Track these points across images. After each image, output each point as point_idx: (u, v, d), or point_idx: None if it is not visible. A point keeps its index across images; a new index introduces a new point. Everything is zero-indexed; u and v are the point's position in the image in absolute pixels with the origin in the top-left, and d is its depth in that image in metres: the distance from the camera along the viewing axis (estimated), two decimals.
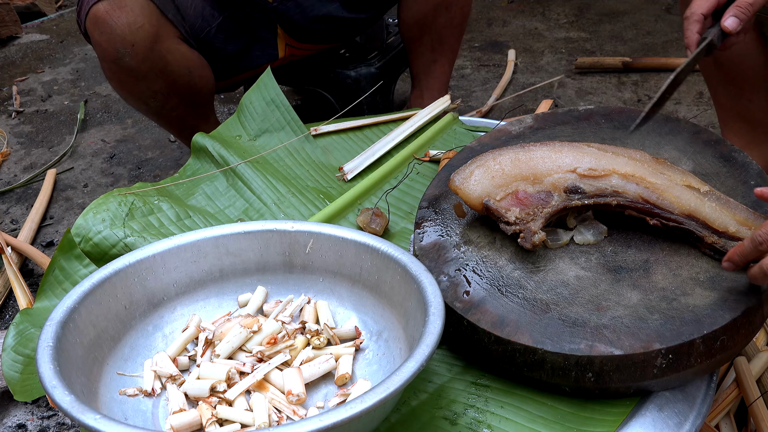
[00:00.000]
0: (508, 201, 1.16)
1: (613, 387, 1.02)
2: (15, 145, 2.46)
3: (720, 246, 1.10)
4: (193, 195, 1.56)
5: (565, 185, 1.16)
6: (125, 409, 1.03)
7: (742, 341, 1.07)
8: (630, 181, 1.15)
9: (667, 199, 1.13)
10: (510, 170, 1.19)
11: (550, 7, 3.32)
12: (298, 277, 1.22)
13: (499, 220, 1.16)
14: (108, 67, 1.77)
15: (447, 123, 1.75)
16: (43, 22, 3.52)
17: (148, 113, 1.93)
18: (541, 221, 1.14)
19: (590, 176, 1.16)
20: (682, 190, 1.14)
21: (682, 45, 2.85)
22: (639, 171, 1.16)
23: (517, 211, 1.15)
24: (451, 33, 2.04)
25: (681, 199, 1.13)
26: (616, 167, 1.16)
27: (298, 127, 1.73)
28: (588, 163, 1.17)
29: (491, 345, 1.06)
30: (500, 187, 1.17)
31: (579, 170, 1.17)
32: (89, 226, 1.39)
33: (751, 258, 1.01)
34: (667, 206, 1.13)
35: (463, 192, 1.19)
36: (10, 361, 1.32)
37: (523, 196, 1.16)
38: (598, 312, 1.06)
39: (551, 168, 1.18)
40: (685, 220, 1.12)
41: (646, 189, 1.14)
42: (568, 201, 1.16)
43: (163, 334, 1.16)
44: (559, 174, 1.17)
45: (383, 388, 0.87)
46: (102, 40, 1.70)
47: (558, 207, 1.15)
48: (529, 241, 1.13)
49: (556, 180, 1.17)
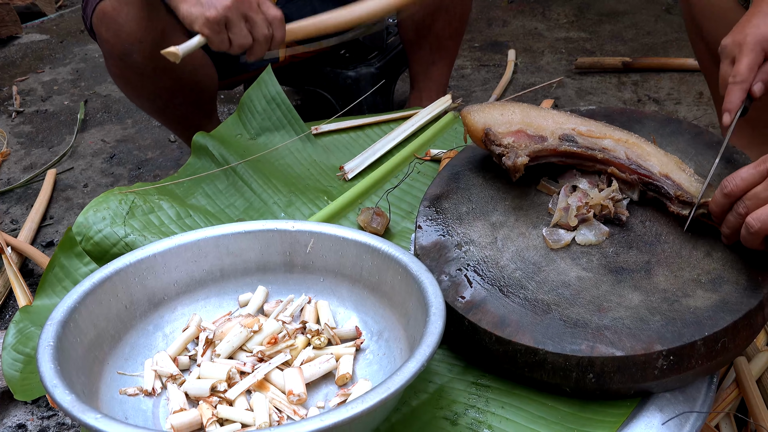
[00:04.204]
0: (506, 134, 1.27)
1: (614, 388, 1.02)
2: (15, 145, 2.45)
3: (686, 198, 1.16)
4: (193, 194, 1.56)
5: (561, 133, 1.26)
6: (126, 408, 1.03)
7: (743, 343, 1.07)
8: (620, 144, 1.24)
9: (650, 161, 1.21)
10: (518, 117, 1.29)
11: (550, 7, 3.32)
12: (299, 276, 1.22)
13: (492, 144, 1.25)
14: (114, 65, 1.76)
15: (448, 122, 1.75)
16: (43, 22, 3.52)
17: (152, 111, 1.92)
18: (529, 152, 1.24)
19: (586, 135, 1.26)
20: (665, 158, 1.22)
21: (681, 45, 2.86)
22: (631, 138, 1.26)
23: (512, 140, 1.25)
24: (450, 36, 2.04)
25: (663, 163, 1.21)
26: (612, 134, 1.27)
27: (298, 126, 1.73)
28: (587, 126, 1.28)
29: (492, 345, 1.06)
30: (504, 124, 1.28)
31: (578, 129, 1.27)
32: (90, 224, 1.39)
33: (724, 207, 1.08)
34: (648, 166, 1.21)
35: (470, 119, 1.29)
36: (10, 359, 1.31)
37: (522, 135, 1.26)
38: (600, 313, 1.06)
39: (554, 123, 1.28)
40: (662, 178, 1.19)
41: (634, 152, 1.23)
42: (559, 145, 1.25)
43: (164, 333, 1.16)
44: (559, 127, 1.28)
45: (384, 388, 0.87)
46: (109, 37, 1.69)
47: (549, 147, 1.25)
48: (511, 159, 1.22)
49: (555, 130, 1.27)
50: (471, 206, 1.27)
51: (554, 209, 1.22)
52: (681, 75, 2.63)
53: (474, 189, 1.30)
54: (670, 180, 1.19)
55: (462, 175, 1.33)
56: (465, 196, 1.29)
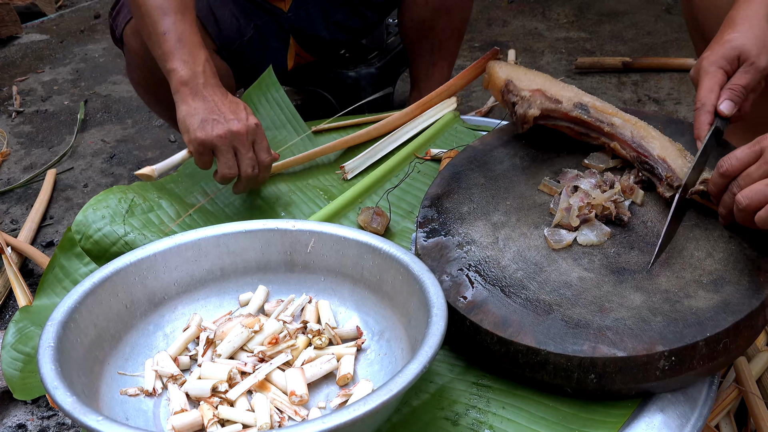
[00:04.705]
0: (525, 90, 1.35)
1: (616, 388, 1.02)
2: (15, 145, 2.45)
3: (673, 181, 1.19)
4: (192, 194, 1.56)
5: (576, 101, 1.33)
6: (126, 408, 1.03)
7: (744, 344, 1.07)
8: (628, 124, 1.29)
9: (652, 143, 1.25)
10: (540, 80, 1.38)
11: (550, 7, 3.32)
12: (300, 276, 1.22)
13: (509, 93, 1.36)
14: (141, 75, 1.75)
15: (448, 122, 1.74)
16: (43, 22, 3.52)
17: (170, 119, 1.92)
18: (541, 107, 1.32)
19: (598, 109, 1.32)
20: (668, 143, 1.25)
21: (681, 45, 2.86)
22: (640, 122, 1.29)
23: (529, 94, 1.34)
24: (451, 37, 2.04)
25: (664, 147, 1.25)
26: (623, 115, 1.31)
27: (299, 126, 1.72)
28: (603, 104, 1.34)
29: (494, 345, 1.06)
30: (526, 81, 1.38)
31: (593, 103, 1.33)
32: (89, 223, 1.39)
33: (721, 187, 1.11)
34: (649, 148, 1.25)
35: (495, 69, 1.42)
36: (10, 359, 1.31)
37: (539, 93, 1.35)
38: (601, 313, 1.06)
39: (572, 94, 1.36)
40: (658, 160, 1.23)
41: (639, 133, 1.27)
42: (571, 110, 1.32)
43: (164, 333, 1.16)
44: (576, 97, 1.35)
45: (386, 390, 0.87)
46: (141, 49, 1.65)
47: (561, 110, 1.32)
48: (523, 108, 1.32)
49: (571, 97, 1.34)
50: (472, 206, 1.27)
51: (556, 209, 1.22)
52: (681, 75, 2.63)
53: (475, 189, 1.30)
54: (666, 164, 1.22)
55: (463, 175, 1.33)
56: (466, 195, 1.29)
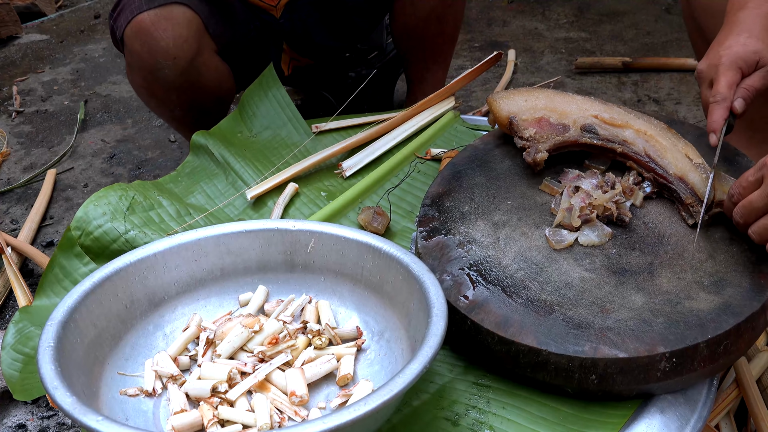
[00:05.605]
0: (530, 122, 1.31)
1: (616, 389, 1.02)
2: (15, 145, 2.45)
3: (694, 210, 1.18)
4: (192, 193, 1.56)
5: (583, 123, 1.29)
6: (126, 409, 1.03)
7: (745, 345, 1.07)
8: (640, 137, 1.27)
9: (666, 158, 1.24)
10: (542, 103, 1.34)
11: (550, 7, 3.31)
12: (300, 276, 1.21)
13: (515, 134, 1.31)
14: (143, 77, 1.73)
15: (448, 121, 1.74)
16: (43, 22, 3.51)
17: (170, 120, 1.92)
18: (549, 145, 1.28)
19: (608, 122, 1.29)
20: (681, 155, 1.24)
21: (681, 45, 2.85)
22: (650, 130, 1.28)
23: (534, 131, 1.29)
24: (444, 43, 2.03)
25: (678, 161, 1.23)
26: (632, 123, 1.29)
27: (300, 125, 1.72)
28: (610, 113, 1.31)
29: (495, 345, 1.06)
30: (528, 111, 1.33)
31: (600, 116, 1.30)
32: (89, 219, 1.38)
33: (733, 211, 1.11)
34: (665, 165, 1.23)
35: (496, 106, 1.36)
36: (10, 359, 1.31)
37: (544, 123, 1.31)
38: (603, 314, 1.05)
39: (577, 110, 1.32)
40: (675, 181, 1.21)
41: (652, 147, 1.25)
42: (580, 137, 1.29)
43: (164, 333, 1.15)
44: (582, 115, 1.31)
45: (386, 390, 0.87)
46: (143, 51, 1.66)
47: (570, 139, 1.29)
48: (531, 155, 1.27)
49: (577, 118, 1.31)
50: (473, 205, 1.26)
51: (557, 209, 1.22)
52: (681, 75, 2.63)
53: (476, 188, 1.30)
54: (684, 183, 1.21)
55: (464, 174, 1.33)
56: (467, 195, 1.29)
